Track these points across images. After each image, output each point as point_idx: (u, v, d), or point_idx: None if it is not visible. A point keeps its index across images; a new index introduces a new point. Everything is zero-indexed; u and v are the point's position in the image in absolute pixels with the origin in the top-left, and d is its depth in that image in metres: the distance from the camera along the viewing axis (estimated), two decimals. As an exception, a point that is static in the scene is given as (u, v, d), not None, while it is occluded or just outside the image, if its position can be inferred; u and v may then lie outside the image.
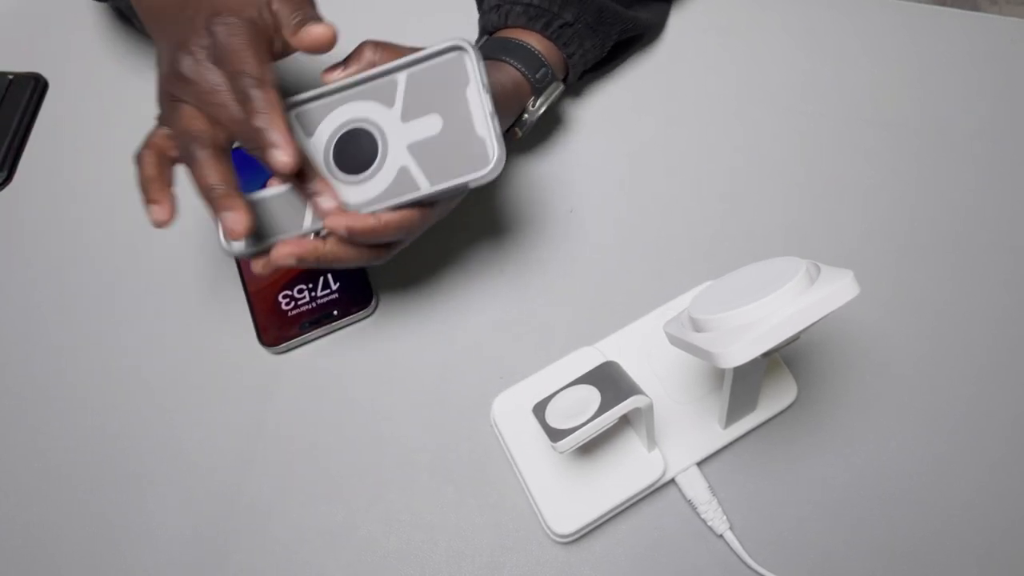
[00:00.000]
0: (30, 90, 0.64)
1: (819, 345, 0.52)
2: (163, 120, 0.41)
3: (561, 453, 0.44)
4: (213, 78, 0.38)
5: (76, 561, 0.47)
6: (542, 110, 0.54)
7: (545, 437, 0.40)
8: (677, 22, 0.66)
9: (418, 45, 0.42)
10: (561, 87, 0.55)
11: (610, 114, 0.61)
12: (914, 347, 0.52)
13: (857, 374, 0.51)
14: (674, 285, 0.52)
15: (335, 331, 0.53)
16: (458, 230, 0.56)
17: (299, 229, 0.43)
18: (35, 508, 0.49)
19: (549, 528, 0.45)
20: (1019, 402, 0.50)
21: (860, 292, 0.34)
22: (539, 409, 0.42)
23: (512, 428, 0.48)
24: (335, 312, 0.53)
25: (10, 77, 0.64)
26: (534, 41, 0.54)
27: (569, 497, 0.45)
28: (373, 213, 0.41)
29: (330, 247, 0.42)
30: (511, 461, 0.48)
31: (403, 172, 0.42)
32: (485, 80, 0.40)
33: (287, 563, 0.46)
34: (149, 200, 0.40)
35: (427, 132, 0.41)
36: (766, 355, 0.36)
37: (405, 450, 0.50)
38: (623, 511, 0.46)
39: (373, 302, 0.53)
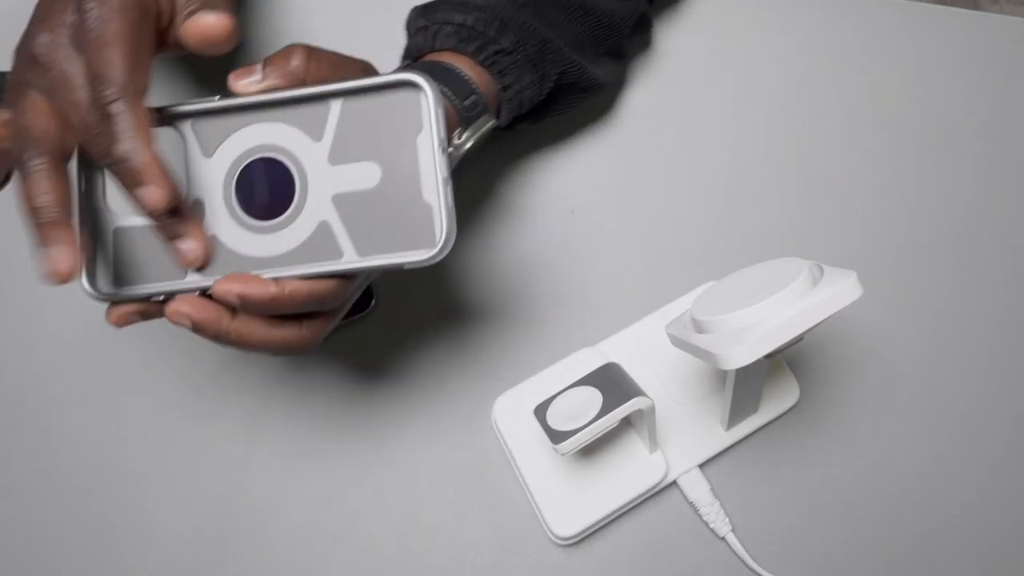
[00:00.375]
0: (29, 90, 0.63)
1: (821, 346, 0.52)
2: (7, 102, 0.33)
3: (563, 455, 0.44)
4: (71, 68, 0.31)
5: (76, 561, 0.47)
6: (468, 145, 0.44)
7: (546, 439, 0.40)
8: (677, 23, 0.66)
9: (368, 60, 0.36)
10: (492, 122, 0.46)
11: (611, 114, 0.61)
12: (916, 348, 0.52)
13: (859, 375, 0.51)
14: (676, 286, 0.52)
15: (334, 332, 0.53)
16: (458, 230, 0.56)
17: (180, 280, 0.34)
18: (35, 508, 0.48)
19: (550, 530, 0.45)
20: (1021, 403, 0.50)
21: (863, 293, 0.34)
22: (540, 411, 0.42)
23: (513, 429, 0.47)
24: (335, 313, 0.52)
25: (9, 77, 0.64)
26: (464, 66, 0.45)
27: (570, 499, 0.45)
28: (275, 279, 0.33)
29: (237, 325, 0.34)
30: (512, 463, 0.47)
31: (323, 229, 0.33)
32: (443, 133, 0.32)
33: (287, 564, 0.46)
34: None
35: (360, 184, 0.33)
36: (769, 356, 0.36)
37: (405, 451, 0.49)
38: (625, 513, 0.46)
39: (373, 302, 0.53)
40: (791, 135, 0.60)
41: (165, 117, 0.35)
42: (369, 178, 0.33)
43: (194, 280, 0.34)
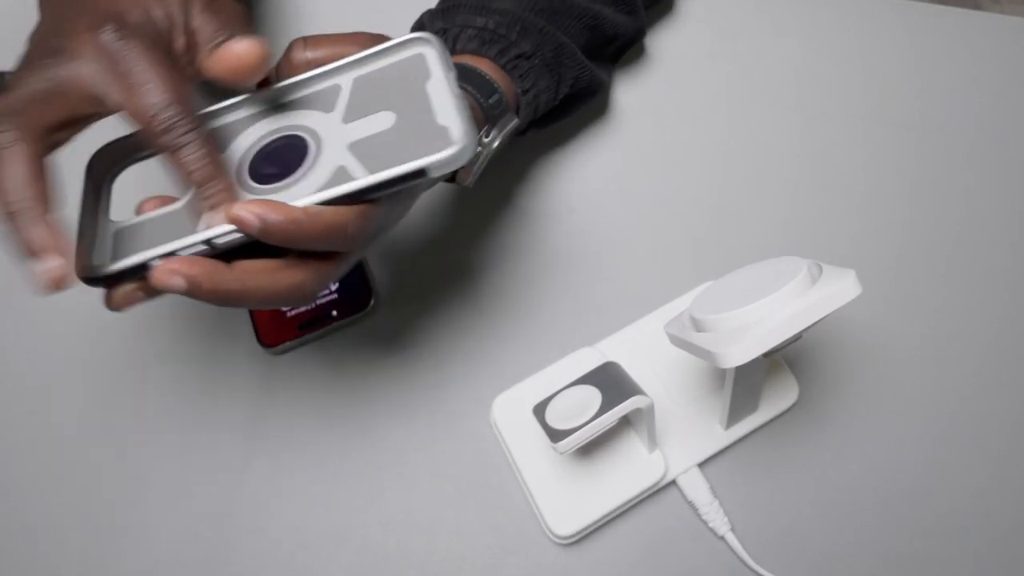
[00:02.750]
0: (29, 90, 0.64)
1: (821, 345, 0.52)
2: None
3: (561, 454, 0.44)
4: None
5: (76, 562, 0.47)
6: (496, 143, 0.45)
7: (545, 438, 0.40)
8: (676, 23, 0.66)
9: (361, 31, 0.36)
10: (516, 120, 0.47)
11: (609, 114, 0.61)
12: (916, 347, 0.52)
13: (859, 374, 0.51)
14: (675, 285, 0.52)
15: (334, 332, 0.53)
16: (457, 230, 0.56)
17: (185, 236, 0.32)
18: (35, 508, 0.48)
19: (549, 529, 0.45)
20: (1021, 401, 0.50)
21: (862, 292, 0.34)
22: (539, 410, 0.42)
23: (512, 429, 0.47)
24: (334, 313, 0.52)
25: (8, 77, 0.64)
26: (485, 67, 0.46)
27: (569, 498, 0.45)
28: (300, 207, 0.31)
29: (236, 274, 0.32)
30: (511, 462, 0.47)
31: (340, 172, 0.33)
32: (450, 64, 0.33)
33: (286, 565, 0.46)
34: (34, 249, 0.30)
35: (375, 128, 0.33)
36: (767, 355, 0.36)
37: (404, 451, 0.49)
38: (624, 512, 0.46)
39: (372, 302, 0.53)
40: (790, 134, 0.60)
41: None
42: (384, 123, 0.33)
43: (201, 233, 0.31)
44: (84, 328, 0.54)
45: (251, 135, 0.35)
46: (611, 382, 0.41)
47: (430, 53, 0.34)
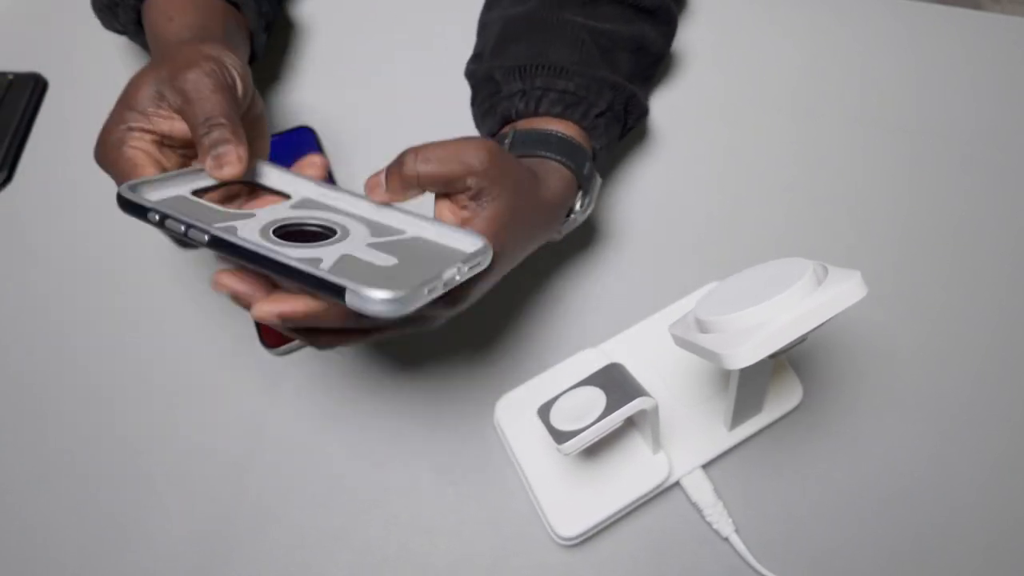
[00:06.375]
0: (30, 90, 0.63)
1: (825, 347, 0.52)
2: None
3: (566, 455, 0.43)
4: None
5: (76, 562, 0.47)
6: (590, 210, 0.48)
7: (549, 439, 0.40)
8: (683, 26, 0.66)
9: (466, 139, 0.38)
10: (600, 181, 0.49)
11: (613, 114, 0.61)
12: (920, 349, 0.52)
13: (863, 376, 0.51)
14: (679, 286, 0.52)
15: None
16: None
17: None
18: (36, 508, 0.48)
19: (553, 531, 0.45)
20: (1025, 404, 0.50)
21: (867, 293, 0.33)
22: (543, 411, 0.42)
23: (515, 430, 0.47)
24: (337, 313, 0.52)
25: (10, 77, 0.64)
26: (572, 132, 0.47)
27: (573, 499, 0.45)
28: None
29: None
30: (514, 463, 0.47)
31: (342, 259, 0.35)
32: (454, 280, 0.34)
33: (287, 565, 0.46)
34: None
35: (380, 260, 0.35)
36: (773, 357, 0.35)
37: (407, 452, 0.49)
38: (628, 514, 0.46)
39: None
40: (794, 135, 0.60)
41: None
42: (388, 261, 0.35)
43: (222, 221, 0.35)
44: (84, 328, 0.54)
45: (297, 213, 0.38)
46: (615, 383, 0.41)
47: (482, 260, 0.36)
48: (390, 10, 0.68)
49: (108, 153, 0.39)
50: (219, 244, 0.33)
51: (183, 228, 0.33)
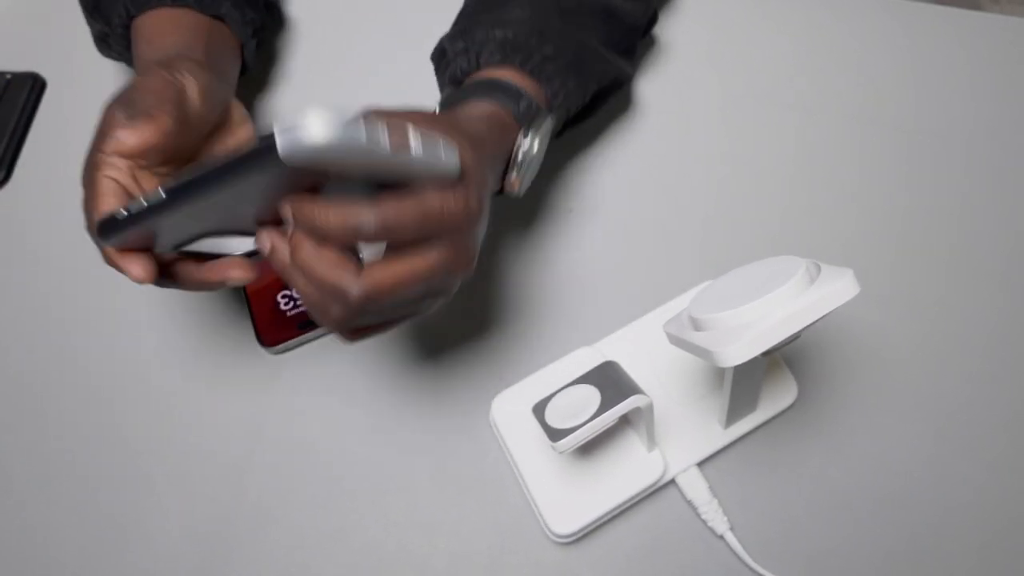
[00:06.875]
0: (28, 90, 0.64)
1: (819, 345, 0.52)
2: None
3: (561, 453, 0.44)
4: None
5: (76, 562, 0.47)
6: (536, 147, 0.46)
7: (545, 437, 0.40)
8: (677, 22, 0.66)
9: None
10: (551, 118, 0.47)
11: (609, 114, 0.61)
12: (915, 346, 0.52)
13: (857, 373, 0.51)
14: (673, 284, 0.52)
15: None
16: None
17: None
18: (35, 508, 0.48)
19: (548, 528, 0.45)
20: (1019, 400, 0.50)
21: (860, 291, 0.34)
22: (539, 409, 0.42)
23: (511, 428, 0.47)
24: (334, 312, 0.52)
25: (8, 77, 0.64)
26: (512, 76, 0.47)
27: (569, 497, 0.45)
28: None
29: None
30: (510, 461, 0.47)
31: None
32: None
33: (286, 564, 0.46)
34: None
35: None
36: (766, 354, 0.36)
37: (404, 450, 0.49)
38: (623, 511, 0.46)
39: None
40: (789, 134, 0.60)
41: None
42: None
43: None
44: (83, 327, 0.54)
45: None
46: (610, 381, 0.41)
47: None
48: (389, 10, 0.68)
49: (84, 174, 0.40)
50: (175, 191, 0.33)
51: (145, 204, 0.34)
